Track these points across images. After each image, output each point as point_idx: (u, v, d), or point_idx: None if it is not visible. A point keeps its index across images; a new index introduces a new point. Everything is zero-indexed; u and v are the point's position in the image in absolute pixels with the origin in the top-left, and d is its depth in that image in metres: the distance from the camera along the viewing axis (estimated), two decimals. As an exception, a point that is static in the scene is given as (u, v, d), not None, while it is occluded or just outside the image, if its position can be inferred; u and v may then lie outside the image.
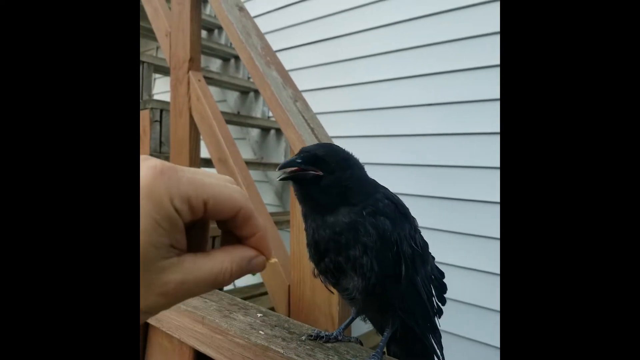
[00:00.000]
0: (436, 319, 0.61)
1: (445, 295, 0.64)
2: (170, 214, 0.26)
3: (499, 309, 1.28)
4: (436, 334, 0.60)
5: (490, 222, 1.65)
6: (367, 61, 2.11)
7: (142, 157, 0.28)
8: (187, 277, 0.27)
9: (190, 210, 0.27)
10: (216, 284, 0.29)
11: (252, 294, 2.02)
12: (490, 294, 1.65)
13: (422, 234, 0.60)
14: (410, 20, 1.94)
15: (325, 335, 0.57)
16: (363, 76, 2.12)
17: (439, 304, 0.63)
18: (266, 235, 0.32)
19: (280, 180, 0.52)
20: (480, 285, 1.68)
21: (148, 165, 0.26)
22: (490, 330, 1.64)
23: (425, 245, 0.59)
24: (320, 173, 0.52)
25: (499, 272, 1.24)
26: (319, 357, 0.52)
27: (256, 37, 1.38)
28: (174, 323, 0.73)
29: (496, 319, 1.62)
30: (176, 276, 0.27)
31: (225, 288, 2.15)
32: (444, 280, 0.64)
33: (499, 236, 1.28)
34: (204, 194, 0.27)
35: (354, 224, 0.51)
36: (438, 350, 0.60)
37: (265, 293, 2.02)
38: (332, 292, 0.61)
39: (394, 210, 0.54)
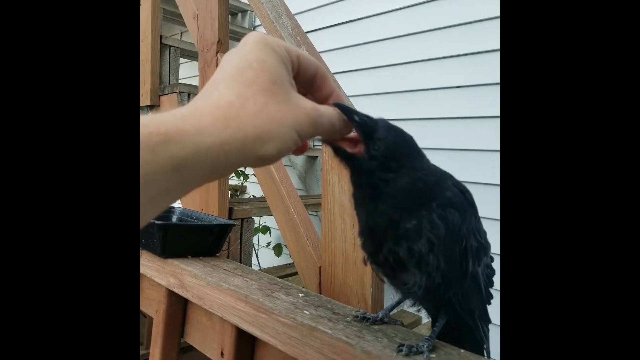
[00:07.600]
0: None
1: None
2: (283, 57, 0.33)
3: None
4: (487, 324, 0.58)
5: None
6: (393, 43, 2.06)
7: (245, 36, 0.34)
8: (316, 105, 0.34)
9: (290, 60, 0.34)
10: (334, 127, 0.36)
11: (279, 275, 2.04)
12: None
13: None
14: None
15: (372, 316, 0.57)
16: (388, 58, 2.07)
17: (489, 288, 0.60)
18: (340, 95, 0.38)
19: (318, 140, 0.43)
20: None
21: (252, 34, 0.33)
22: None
23: (485, 234, 0.55)
24: (358, 152, 0.43)
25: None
26: (368, 339, 0.52)
27: (286, 17, 1.35)
28: (216, 301, 0.74)
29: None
30: (309, 103, 0.34)
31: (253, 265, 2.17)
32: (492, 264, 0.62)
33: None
34: (295, 50, 0.35)
35: (416, 214, 0.46)
36: (486, 341, 0.58)
37: (293, 274, 2.05)
38: (383, 281, 0.59)
39: (463, 201, 0.49)
